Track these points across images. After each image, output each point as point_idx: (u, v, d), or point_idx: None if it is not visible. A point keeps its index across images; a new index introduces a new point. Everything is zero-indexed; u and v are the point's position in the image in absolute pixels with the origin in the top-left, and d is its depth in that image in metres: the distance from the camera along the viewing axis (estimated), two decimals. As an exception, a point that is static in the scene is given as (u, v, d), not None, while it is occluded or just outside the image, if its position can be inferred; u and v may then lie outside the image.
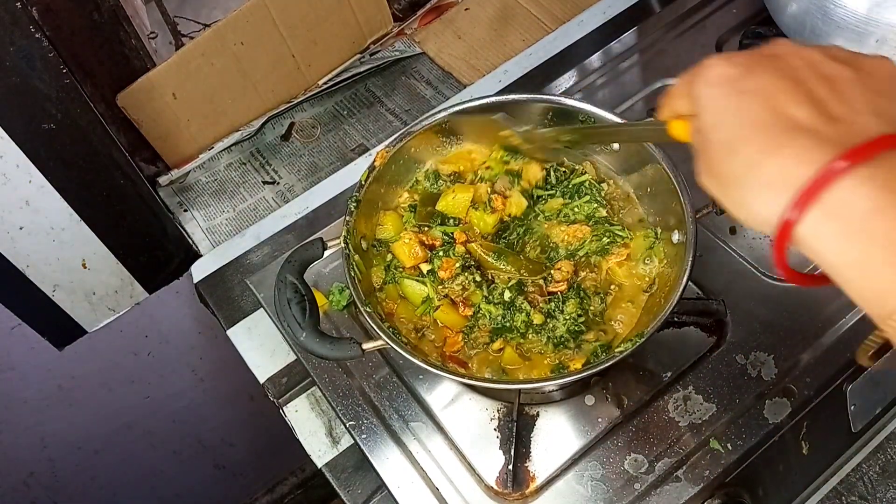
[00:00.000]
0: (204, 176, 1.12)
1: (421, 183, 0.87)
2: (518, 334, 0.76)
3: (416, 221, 0.83)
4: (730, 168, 0.42)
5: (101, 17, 0.95)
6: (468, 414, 0.82)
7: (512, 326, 0.76)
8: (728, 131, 0.42)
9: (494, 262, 0.79)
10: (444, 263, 0.78)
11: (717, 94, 0.43)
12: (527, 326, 0.76)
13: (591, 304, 0.77)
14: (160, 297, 1.08)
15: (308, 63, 1.14)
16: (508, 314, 0.77)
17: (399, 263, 0.80)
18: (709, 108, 0.44)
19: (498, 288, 0.78)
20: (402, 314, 0.79)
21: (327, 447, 0.86)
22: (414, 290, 0.79)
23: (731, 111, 0.42)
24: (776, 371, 0.81)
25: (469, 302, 0.78)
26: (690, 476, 0.76)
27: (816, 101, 0.39)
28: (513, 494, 0.76)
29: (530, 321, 0.76)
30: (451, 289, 0.78)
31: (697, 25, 1.13)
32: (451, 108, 0.84)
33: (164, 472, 1.54)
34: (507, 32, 1.21)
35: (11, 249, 0.88)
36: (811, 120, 0.39)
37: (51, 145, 0.83)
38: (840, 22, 0.88)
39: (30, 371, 1.18)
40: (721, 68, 0.44)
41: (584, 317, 0.76)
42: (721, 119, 0.42)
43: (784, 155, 0.39)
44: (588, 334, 0.76)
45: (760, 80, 0.41)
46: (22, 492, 1.36)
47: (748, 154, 0.40)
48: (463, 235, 0.80)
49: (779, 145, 0.39)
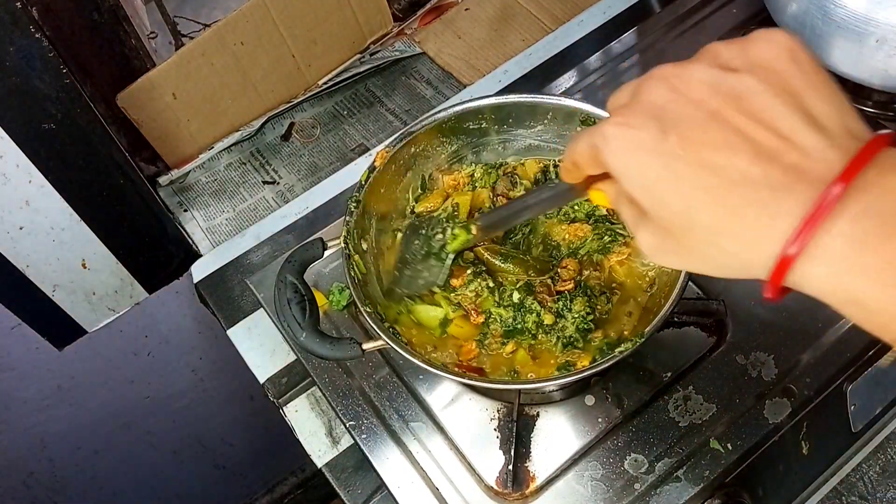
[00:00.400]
0: (204, 176, 1.12)
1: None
2: (529, 335, 0.77)
3: None
4: (686, 241, 0.39)
5: (101, 17, 0.95)
6: (468, 414, 0.82)
7: (523, 328, 0.77)
8: (669, 206, 0.38)
9: (502, 265, 0.79)
10: (455, 272, 0.78)
11: (637, 166, 0.39)
12: (537, 327, 0.76)
13: (599, 303, 0.77)
14: (160, 297, 1.08)
15: (308, 63, 1.14)
16: (519, 315, 0.77)
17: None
18: (636, 184, 0.40)
19: (507, 290, 0.78)
20: (418, 341, 0.78)
21: (327, 447, 0.86)
22: (428, 314, 0.78)
23: (664, 182, 0.38)
24: (776, 371, 0.81)
25: (480, 308, 0.78)
26: (690, 476, 0.76)
27: (747, 142, 0.36)
28: (513, 494, 0.76)
29: (541, 321, 0.76)
30: (464, 296, 0.78)
31: (697, 25, 1.13)
32: (451, 107, 0.84)
33: (164, 472, 1.54)
34: (507, 32, 1.21)
35: (11, 249, 0.88)
36: (754, 169, 0.36)
37: (51, 145, 0.83)
38: (840, 22, 0.88)
39: (30, 371, 1.18)
40: (623, 131, 0.39)
41: (592, 315, 0.76)
42: (655, 194, 0.39)
43: (749, 216, 0.36)
44: (596, 332, 0.76)
45: (675, 133, 0.37)
46: (22, 492, 1.36)
47: (706, 224, 0.37)
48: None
49: (738, 206, 0.36)
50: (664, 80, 0.40)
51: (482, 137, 0.88)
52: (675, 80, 0.39)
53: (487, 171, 0.87)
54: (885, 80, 0.91)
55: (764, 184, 0.36)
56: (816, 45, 0.94)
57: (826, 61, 0.95)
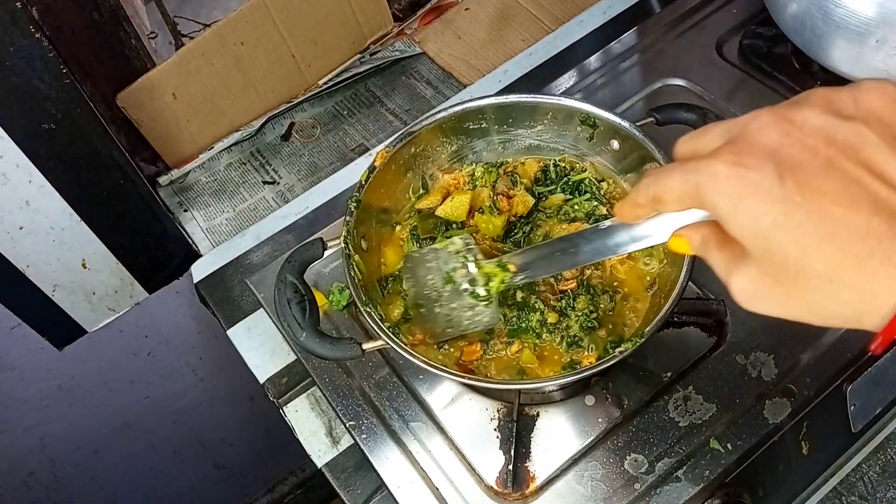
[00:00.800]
0: (204, 176, 1.12)
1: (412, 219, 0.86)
2: (534, 335, 0.77)
3: (422, 235, 0.83)
4: (794, 288, 0.38)
5: (101, 17, 0.95)
6: (468, 414, 0.82)
7: (528, 327, 0.77)
8: (783, 253, 0.38)
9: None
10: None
11: (751, 210, 0.38)
12: (541, 325, 0.77)
13: (602, 302, 0.78)
14: (160, 297, 1.08)
15: (308, 63, 1.14)
16: (523, 315, 0.77)
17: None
18: (747, 228, 0.38)
19: (510, 290, 0.78)
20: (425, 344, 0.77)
21: (327, 447, 0.86)
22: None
23: (780, 229, 0.37)
24: (776, 371, 0.81)
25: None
26: (690, 476, 0.76)
27: (866, 193, 0.36)
28: (513, 494, 0.76)
29: (545, 320, 0.76)
30: None
31: (697, 25, 1.13)
32: (452, 107, 0.84)
33: (164, 472, 1.54)
34: (507, 32, 1.21)
35: (11, 249, 0.88)
36: (876, 221, 0.36)
37: (51, 145, 0.83)
38: (840, 22, 0.88)
39: (30, 371, 1.18)
40: (737, 171, 0.38)
41: (595, 313, 0.76)
42: (769, 241, 0.38)
43: (870, 268, 0.36)
44: (600, 331, 0.76)
45: (792, 179, 0.37)
46: (22, 492, 1.36)
47: (822, 272, 0.37)
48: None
49: (860, 257, 0.36)
50: (775, 122, 0.39)
51: (482, 137, 0.88)
52: (787, 124, 0.38)
53: (488, 170, 0.87)
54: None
55: (888, 235, 0.35)
56: (816, 45, 0.94)
57: (826, 61, 0.95)
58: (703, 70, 1.06)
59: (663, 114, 0.82)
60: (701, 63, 1.07)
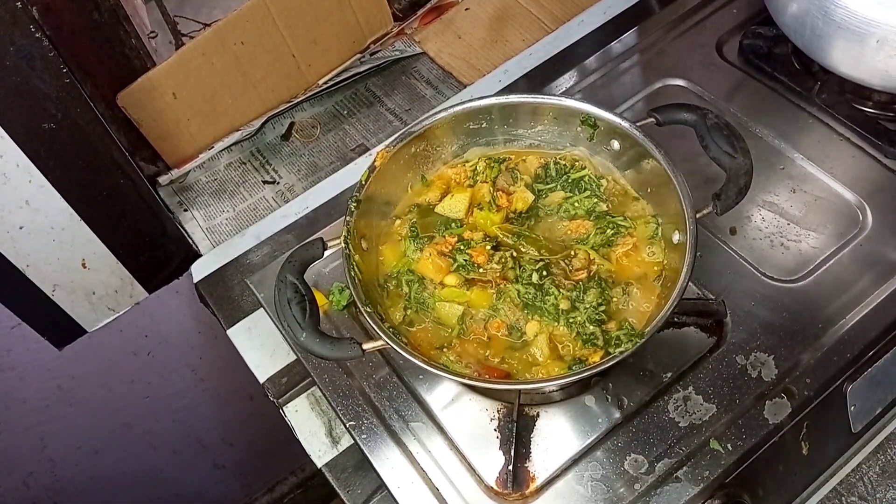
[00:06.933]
0: (204, 176, 1.12)
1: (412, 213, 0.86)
2: (551, 317, 0.76)
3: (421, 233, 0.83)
4: None
5: (101, 17, 0.95)
6: (468, 414, 0.82)
7: (544, 309, 0.77)
8: None
9: (516, 243, 0.79)
10: (476, 251, 0.78)
11: None
12: (556, 310, 0.76)
13: (615, 295, 0.78)
14: (160, 296, 1.08)
15: (308, 63, 1.14)
16: (539, 294, 0.77)
17: (418, 295, 0.80)
18: None
19: (526, 270, 0.78)
20: (428, 342, 0.78)
21: (327, 447, 0.86)
22: (447, 311, 0.78)
23: None
24: (776, 371, 0.81)
25: (508, 278, 0.78)
26: (690, 476, 0.76)
27: None
28: (513, 495, 0.76)
29: (557, 304, 0.76)
30: (491, 269, 0.78)
31: (697, 25, 1.13)
32: (451, 108, 0.84)
33: (163, 472, 1.54)
34: (507, 32, 1.21)
35: (11, 249, 0.88)
36: None
37: (51, 145, 0.83)
38: (840, 22, 0.88)
39: (29, 371, 1.18)
40: None
41: (604, 306, 0.76)
42: None
43: None
44: (610, 324, 0.76)
45: None
46: (22, 492, 1.36)
47: None
48: (472, 234, 0.81)
49: None
50: None
51: (483, 137, 0.88)
52: None
53: (490, 165, 0.87)
54: (885, 80, 0.91)
55: None
56: (816, 45, 0.94)
57: (826, 62, 0.95)
58: (703, 70, 1.06)
59: (663, 114, 0.82)
60: (701, 63, 1.07)
